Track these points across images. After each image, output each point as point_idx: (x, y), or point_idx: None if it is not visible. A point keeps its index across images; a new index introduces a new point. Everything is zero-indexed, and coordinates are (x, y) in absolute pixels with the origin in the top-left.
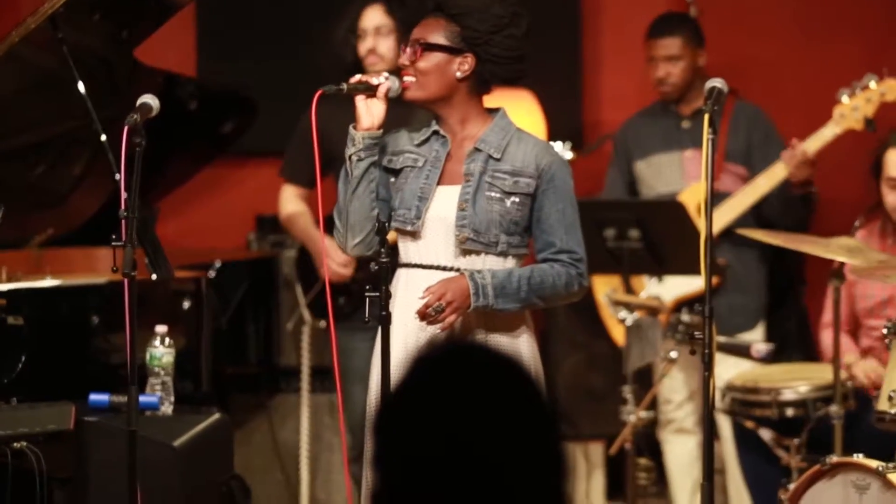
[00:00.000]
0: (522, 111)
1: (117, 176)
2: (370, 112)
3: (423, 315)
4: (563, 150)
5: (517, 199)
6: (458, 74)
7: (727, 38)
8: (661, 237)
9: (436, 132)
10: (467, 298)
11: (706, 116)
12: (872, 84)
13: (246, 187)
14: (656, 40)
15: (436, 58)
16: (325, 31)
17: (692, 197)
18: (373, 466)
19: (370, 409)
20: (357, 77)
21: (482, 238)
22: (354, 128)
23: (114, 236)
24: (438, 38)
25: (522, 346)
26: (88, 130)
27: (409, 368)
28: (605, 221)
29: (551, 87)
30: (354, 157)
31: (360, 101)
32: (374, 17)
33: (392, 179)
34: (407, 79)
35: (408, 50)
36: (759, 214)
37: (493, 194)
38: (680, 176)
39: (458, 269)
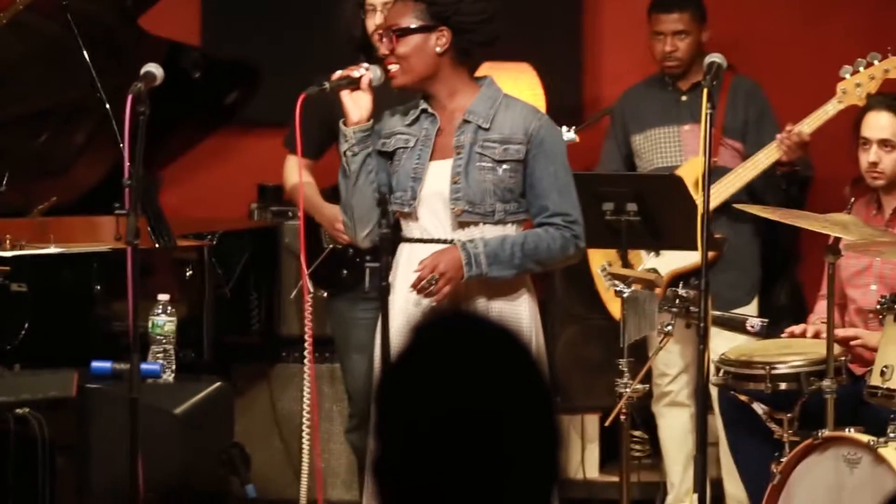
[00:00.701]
0: (523, 85)
1: (122, 145)
2: (357, 105)
3: (418, 287)
4: (568, 133)
5: (508, 167)
6: (438, 50)
7: (725, 13)
8: (659, 211)
9: (424, 110)
10: (460, 269)
11: (705, 91)
12: (876, 61)
13: (249, 157)
14: (663, 14)
15: (412, 40)
16: (333, 6)
17: (690, 171)
18: (374, 435)
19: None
20: (338, 73)
21: (478, 209)
22: (344, 124)
23: (117, 205)
24: (409, 21)
25: (523, 311)
26: (92, 99)
27: (407, 338)
28: (604, 195)
29: (552, 63)
30: (349, 153)
31: (346, 95)
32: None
33: (388, 162)
34: (391, 67)
35: (384, 40)
36: (751, 190)
37: (484, 164)
38: (678, 150)
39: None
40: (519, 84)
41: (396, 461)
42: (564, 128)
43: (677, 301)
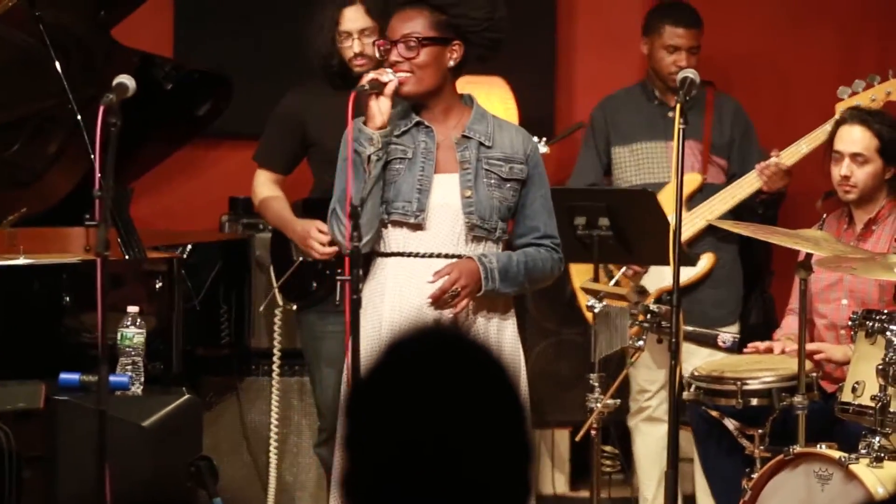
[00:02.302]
0: (496, 98)
1: (93, 156)
2: (381, 110)
3: (438, 299)
4: (539, 145)
5: (511, 186)
6: (451, 64)
7: (717, 29)
8: (631, 226)
9: (419, 123)
10: (479, 282)
11: (678, 106)
12: (876, 82)
13: (220, 169)
14: (683, 29)
15: (432, 51)
16: (302, 31)
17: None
18: (344, 447)
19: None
20: (371, 75)
21: (486, 224)
22: (365, 125)
23: (87, 216)
24: (430, 31)
25: (511, 327)
26: (64, 109)
27: (381, 352)
28: (576, 209)
29: (525, 75)
30: (374, 157)
31: (372, 99)
32: (356, 20)
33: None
34: (402, 75)
35: (400, 45)
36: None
37: (491, 181)
38: (666, 166)
39: (459, 256)
40: (491, 97)
41: (366, 475)
42: (535, 138)
43: (649, 316)
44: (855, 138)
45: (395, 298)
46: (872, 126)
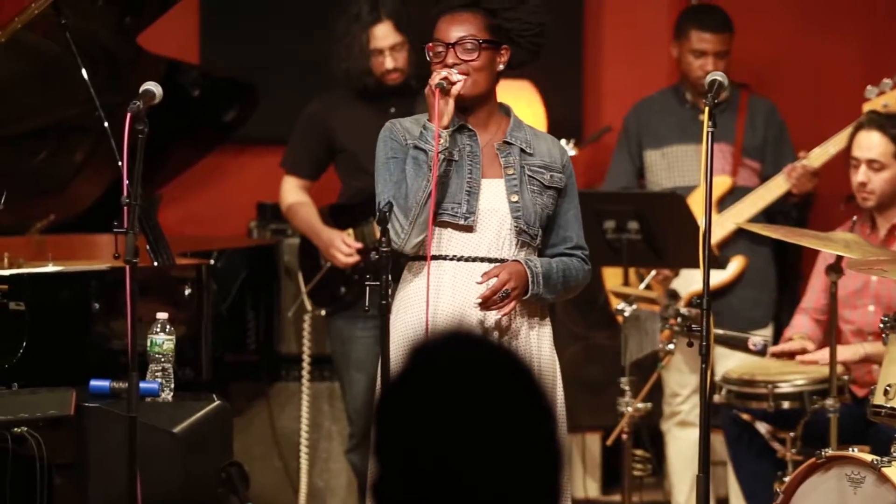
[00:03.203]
0: (523, 102)
1: (120, 163)
2: (448, 111)
3: (488, 300)
4: (568, 147)
5: (552, 194)
6: (500, 67)
7: (737, 32)
8: (661, 230)
9: (462, 126)
10: (526, 286)
11: (706, 109)
12: None
13: (247, 175)
14: (710, 34)
15: (487, 54)
16: (330, 47)
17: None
18: (373, 455)
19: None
20: (442, 74)
21: (531, 230)
22: (430, 123)
23: (116, 223)
24: (485, 34)
25: (547, 337)
26: (91, 117)
27: (411, 358)
28: (605, 213)
29: (552, 79)
30: (442, 156)
31: (440, 99)
32: (387, 37)
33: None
34: (457, 77)
35: (458, 47)
36: (765, 213)
37: (534, 188)
38: (697, 169)
39: (503, 261)
40: (519, 101)
41: (396, 482)
42: (563, 140)
43: (679, 320)
44: (871, 144)
45: (440, 301)
46: (889, 131)
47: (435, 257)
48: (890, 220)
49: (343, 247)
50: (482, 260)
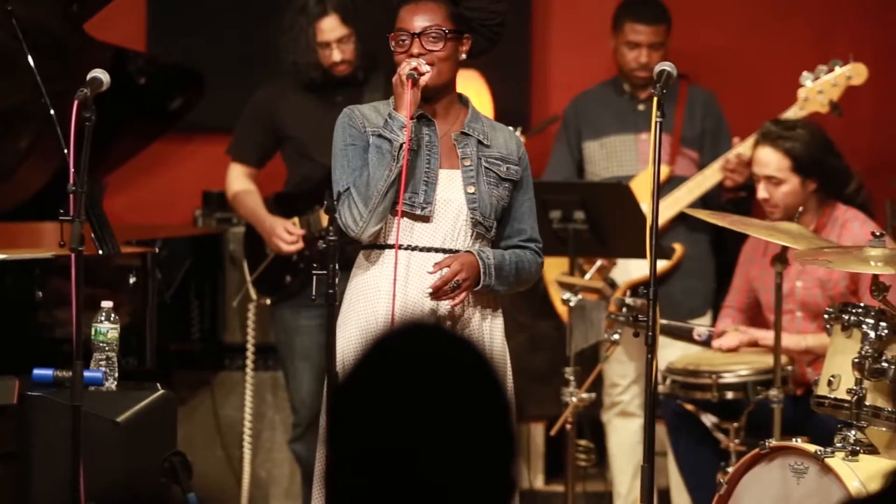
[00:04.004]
0: (471, 92)
1: (66, 151)
2: (416, 101)
3: (439, 290)
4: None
5: (507, 186)
6: (463, 57)
7: (680, 22)
8: (607, 220)
9: (421, 115)
10: (478, 276)
11: (655, 99)
12: (838, 68)
13: (193, 163)
14: (642, 25)
15: (452, 44)
16: (276, 38)
17: (648, 180)
18: (326, 444)
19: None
20: (412, 64)
21: (486, 222)
22: (396, 112)
23: (62, 211)
24: (449, 23)
25: (499, 328)
26: (36, 104)
27: (368, 348)
28: (551, 203)
29: (499, 68)
30: (406, 147)
31: (407, 89)
32: (334, 30)
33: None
34: (427, 67)
35: (423, 37)
36: (705, 202)
37: (490, 179)
38: (635, 158)
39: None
40: (467, 90)
41: (349, 471)
42: (510, 128)
43: (624, 310)
44: (767, 160)
45: (398, 289)
46: (783, 146)
47: (390, 246)
48: (810, 223)
49: (285, 234)
50: (437, 250)
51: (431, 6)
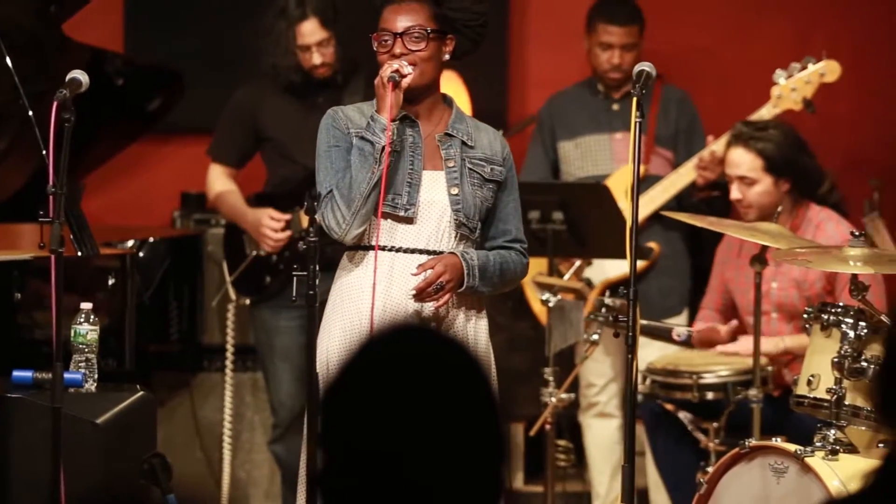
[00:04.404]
0: (450, 92)
1: (45, 151)
2: (398, 103)
3: (422, 291)
4: None
5: (492, 187)
6: (446, 57)
7: (657, 22)
8: (585, 220)
9: (405, 116)
10: (462, 278)
11: (634, 100)
12: (811, 65)
13: (171, 164)
14: (613, 27)
15: (434, 44)
16: (257, 41)
17: (622, 179)
18: (319, 444)
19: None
20: (394, 66)
21: (470, 223)
22: (378, 115)
23: (42, 212)
24: (431, 24)
25: (483, 329)
26: (14, 105)
27: (360, 349)
28: (529, 203)
29: (477, 68)
30: (389, 149)
31: (389, 90)
32: (314, 33)
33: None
34: (409, 69)
35: (406, 37)
36: (680, 201)
37: (474, 180)
38: (609, 158)
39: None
40: (445, 91)
41: (343, 473)
42: (495, 129)
43: (604, 310)
44: (739, 161)
45: (378, 292)
46: (755, 146)
47: (374, 248)
48: (784, 224)
49: (271, 223)
50: (421, 252)
51: (414, 6)
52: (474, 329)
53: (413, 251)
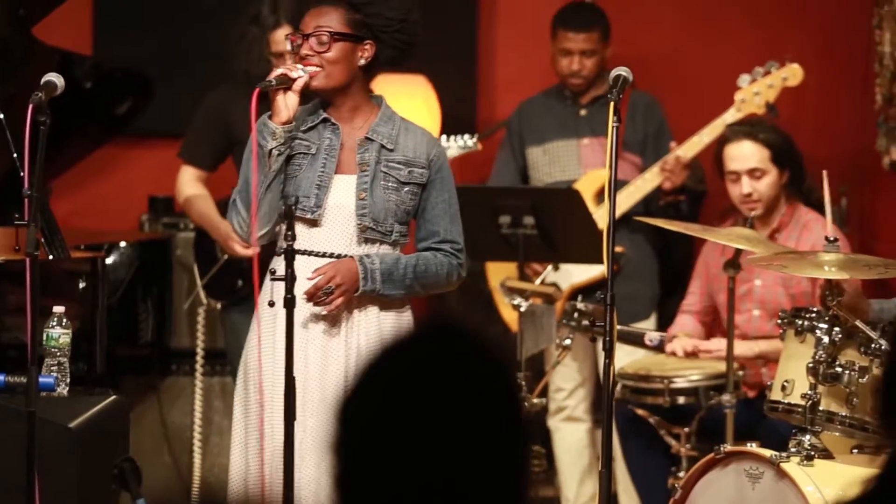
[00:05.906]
0: (419, 98)
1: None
2: (287, 106)
3: (312, 296)
4: (470, 141)
5: (410, 189)
6: (362, 62)
7: (622, 27)
8: (556, 225)
9: (326, 119)
10: (356, 282)
11: (611, 105)
12: (774, 69)
13: (140, 168)
14: (572, 33)
15: (343, 47)
16: (229, 47)
17: (588, 184)
18: (335, 451)
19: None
20: (279, 71)
21: (380, 227)
22: (271, 120)
23: (17, 215)
24: (343, 27)
25: (405, 325)
26: None
27: (377, 356)
28: (500, 208)
29: (446, 73)
30: (275, 152)
31: (280, 94)
32: (286, 41)
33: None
34: (312, 69)
35: (312, 39)
36: (648, 206)
37: (388, 184)
38: (577, 163)
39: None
40: (414, 96)
41: (366, 478)
42: (467, 136)
43: (576, 315)
44: (747, 154)
45: (255, 297)
46: (759, 137)
47: (284, 251)
48: (770, 224)
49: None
50: (328, 255)
51: (327, 10)
52: (389, 328)
53: (315, 254)
